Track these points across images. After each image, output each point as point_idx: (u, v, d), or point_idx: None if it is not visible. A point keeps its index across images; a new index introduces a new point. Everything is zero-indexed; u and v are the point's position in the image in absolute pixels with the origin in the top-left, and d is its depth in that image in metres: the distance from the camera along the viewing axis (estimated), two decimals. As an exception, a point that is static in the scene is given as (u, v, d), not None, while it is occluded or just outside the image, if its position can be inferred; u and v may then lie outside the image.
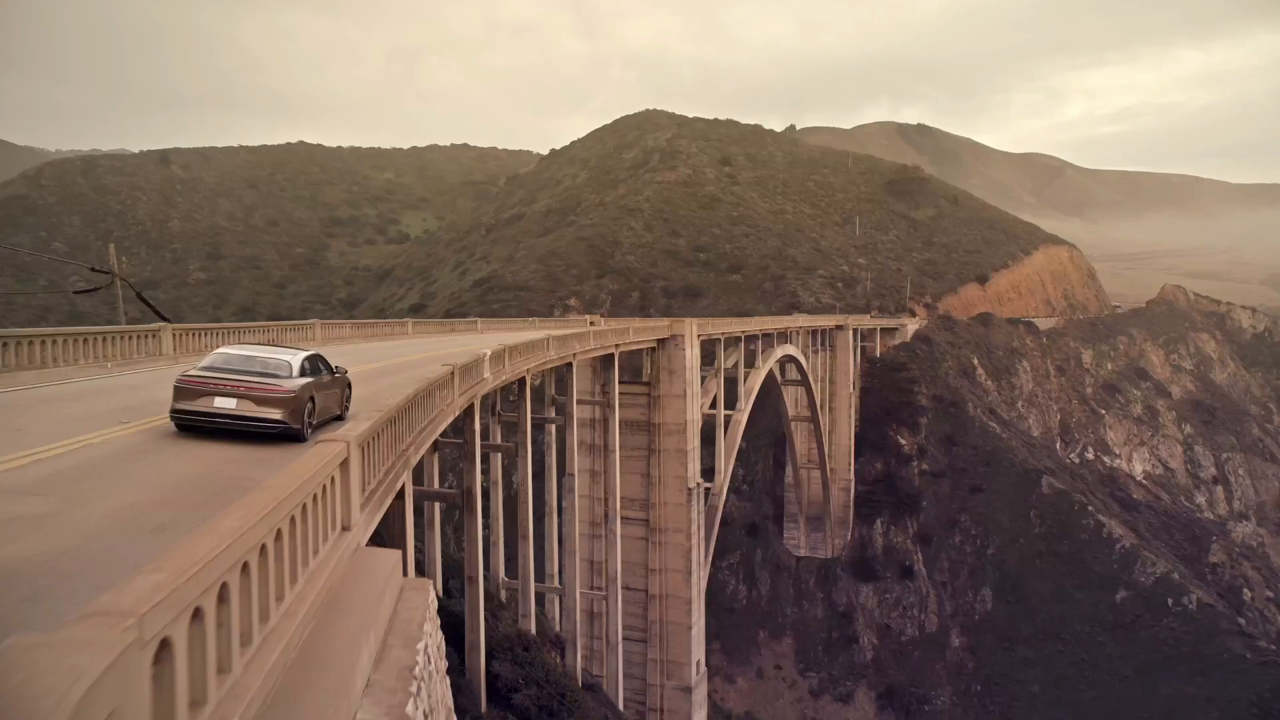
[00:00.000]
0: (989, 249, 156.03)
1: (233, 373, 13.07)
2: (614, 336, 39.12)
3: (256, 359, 13.62)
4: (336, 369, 15.28)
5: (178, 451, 11.89)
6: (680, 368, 47.71)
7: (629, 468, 47.57)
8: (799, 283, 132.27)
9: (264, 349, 14.34)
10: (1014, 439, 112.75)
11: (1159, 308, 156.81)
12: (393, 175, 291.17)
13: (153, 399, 15.05)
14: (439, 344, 34.33)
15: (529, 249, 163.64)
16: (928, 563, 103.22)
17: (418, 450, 13.50)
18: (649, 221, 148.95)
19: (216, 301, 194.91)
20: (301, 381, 13.44)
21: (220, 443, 12.53)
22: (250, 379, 12.96)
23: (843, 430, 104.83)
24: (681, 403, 47.87)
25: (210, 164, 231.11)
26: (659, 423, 48.26)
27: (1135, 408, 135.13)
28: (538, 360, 28.00)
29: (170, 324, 18.18)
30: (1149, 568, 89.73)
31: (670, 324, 48.46)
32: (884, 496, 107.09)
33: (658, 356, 48.13)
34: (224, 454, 11.97)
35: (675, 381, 47.77)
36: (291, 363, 13.67)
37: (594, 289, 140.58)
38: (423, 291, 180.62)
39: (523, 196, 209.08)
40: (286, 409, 12.88)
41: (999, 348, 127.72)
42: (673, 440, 48.14)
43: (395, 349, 29.51)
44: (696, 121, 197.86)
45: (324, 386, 14.30)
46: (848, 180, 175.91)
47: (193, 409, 12.74)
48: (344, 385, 15.57)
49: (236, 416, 12.72)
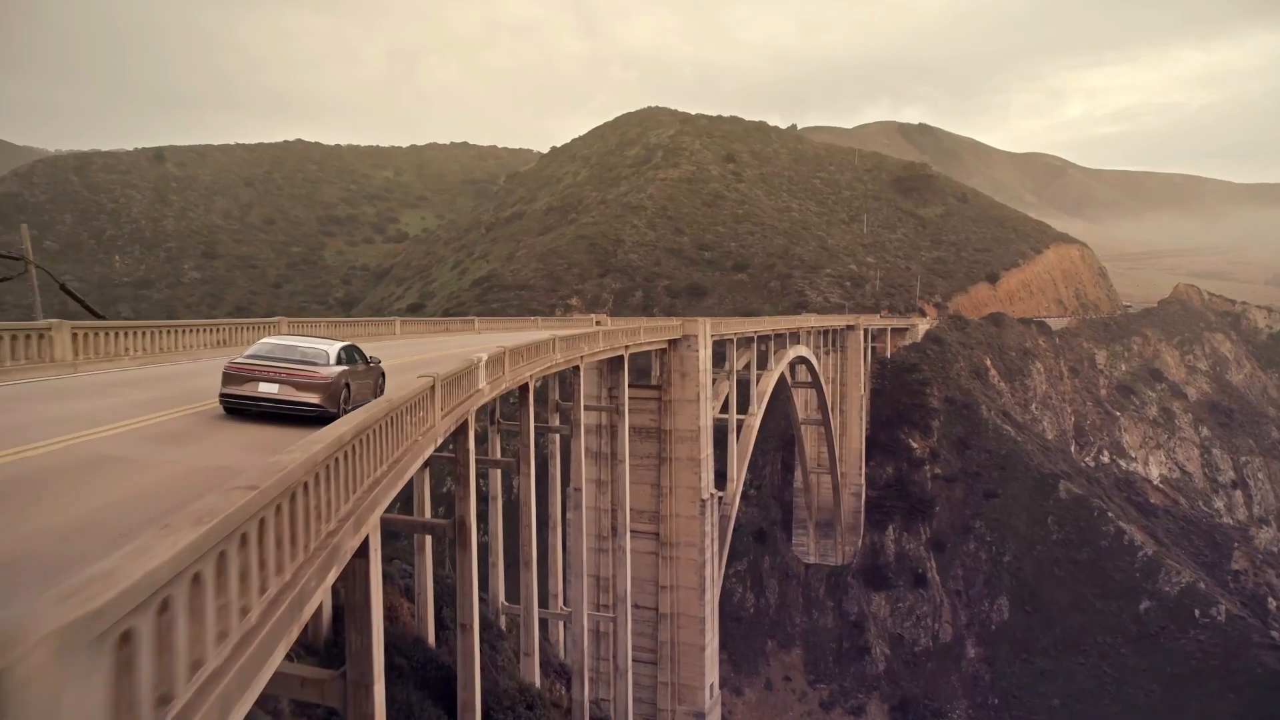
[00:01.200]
0: (999, 247, 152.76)
1: (275, 360, 13.90)
2: (624, 337, 35.83)
3: (297, 348, 14.39)
4: (371, 359, 16.08)
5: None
6: (693, 370, 44.43)
7: (638, 477, 44.34)
8: (806, 282, 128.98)
9: (304, 339, 15.11)
10: (1029, 442, 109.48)
11: (1173, 307, 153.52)
12: (391, 173, 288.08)
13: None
14: (429, 345, 30.63)
15: (529, 247, 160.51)
16: (941, 570, 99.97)
17: (374, 509, 10.14)
18: (652, 219, 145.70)
19: (211, 301, 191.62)
20: (338, 369, 14.23)
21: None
22: (291, 366, 13.80)
23: (853, 433, 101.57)
24: (694, 408, 44.59)
25: (206, 162, 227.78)
26: (670, 429, 45.01)
27: (1151, 410, 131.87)
28: (542, 364, 24.74)
29: (68, 322, 14.68)
30: (1174, 577, 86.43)
31: (682, 324, 45.16)
32: (895, 502, 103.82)
33: (668, 358, 44.87)
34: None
35: (687, 385, 44.49)
36: (329, 351, 14.43)
37: (596, 288, 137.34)
38: (421, 291, 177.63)
39: (523, 194, 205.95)
40: (323, 394, 13.71)
41: (1011, 348, 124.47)
42: (685, 448, 44.87)
43: (375, 354, 26.10)
44: (700, 118, 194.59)
45: (359, 375, 15.07)
46: (854, 177, 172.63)
47: (239, 393, 13.58)
48: (378, 374, 16.35)
49: (278, 400, 13.55)
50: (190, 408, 13.79)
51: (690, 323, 45.18)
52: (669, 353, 44.77)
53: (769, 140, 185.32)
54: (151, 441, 11.10)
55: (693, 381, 44.50)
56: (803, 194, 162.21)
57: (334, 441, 8.66)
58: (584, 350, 29.53)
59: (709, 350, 46.27)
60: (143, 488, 8.89)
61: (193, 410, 13.67)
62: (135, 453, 10.35)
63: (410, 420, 13.33)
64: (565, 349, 26.79)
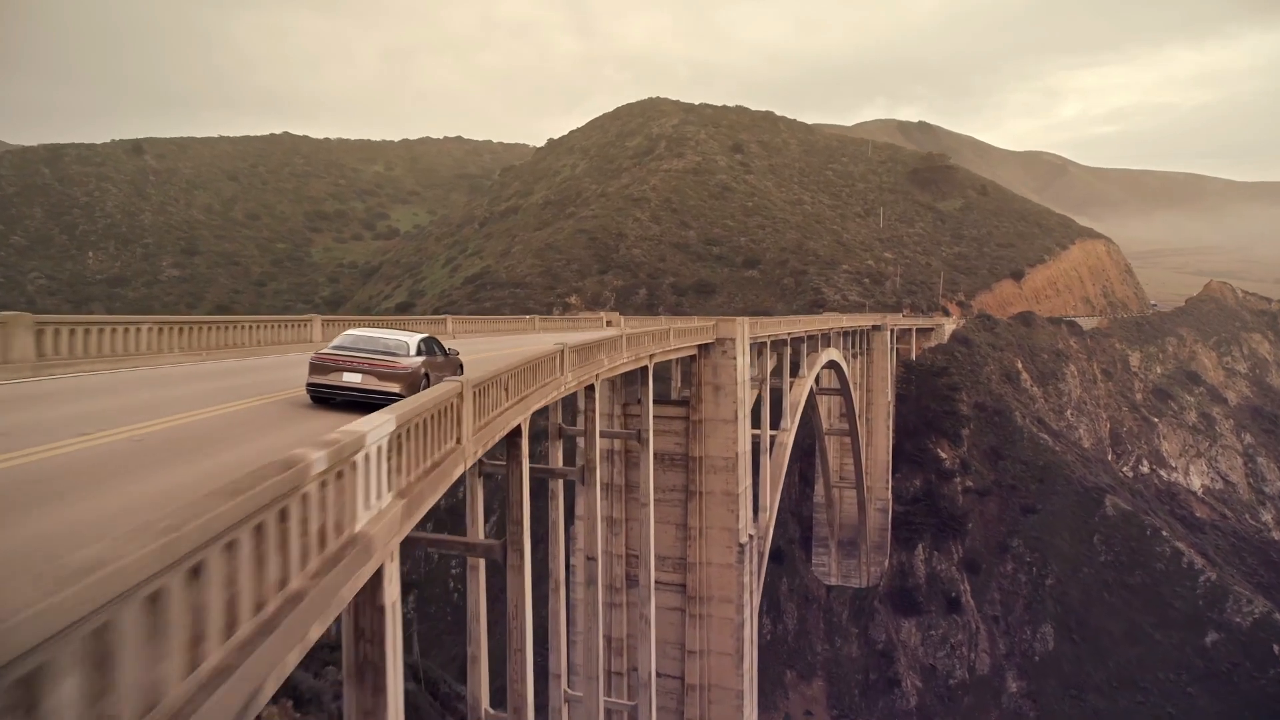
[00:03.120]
0: (1023, 243, 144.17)
1: (359, 351, 14.22)
2: (651, 343, 27.14)
3: (379, 339, 14.84)
4: (449, 350, 16.62)
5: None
6: (729, 383, 35.71)
7: (659, 515, 35.53)
8: (823, 279, 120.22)
9: (386, 331, 15.69)
10: (1068, 452, 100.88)
11: (1207, 306, 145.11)
12: (382, 168, 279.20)
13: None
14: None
15: (525, 243, 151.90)
16: (976, 594, 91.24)
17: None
18: (656, 212, 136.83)
19: (190, 300, 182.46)
20: (418, 360, 14.57)
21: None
22: (373, 356, 14.09)
23: (879, 443, 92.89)
24: (730, 430, 35.86)
25: (187, 154, 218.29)
26: (700, 456, 36.32)
27: (1190, 415, 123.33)
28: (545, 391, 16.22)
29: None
30: (1244, 606, 77.80)
31: (716, 324, 36.33)
32: (924, 518, 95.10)
33: (698, 368, 36.18)
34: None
35: (722, 401, 35.79)
36: (409, 343, 14.83)
37: (596, 285, 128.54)
38: (411, 289, 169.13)
39: (519, 188, 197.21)
40: (404, 384, 13.85)
41: (1043, 350, 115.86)
42: (718, 479, 36.13)
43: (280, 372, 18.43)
44: (704, 108, 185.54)
45: (438, 366, 15.37)
46: (867, 169, 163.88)
47: (324, 383, 13.79)
48: (456, 365, 16.57)
49: (361, 390, 13.70)
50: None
51: (726, 323, 36.33)
52: (699, 361, 36.06)
53: (777, 131, 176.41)
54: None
55: (729, 397, 35.78)
56: (815, 186, 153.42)
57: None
58: (603, 363, 21.04)
59: (747, 358, 37.53)
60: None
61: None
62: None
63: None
64: (578, 364, 18.46)
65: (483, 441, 13.61)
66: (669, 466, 37.04)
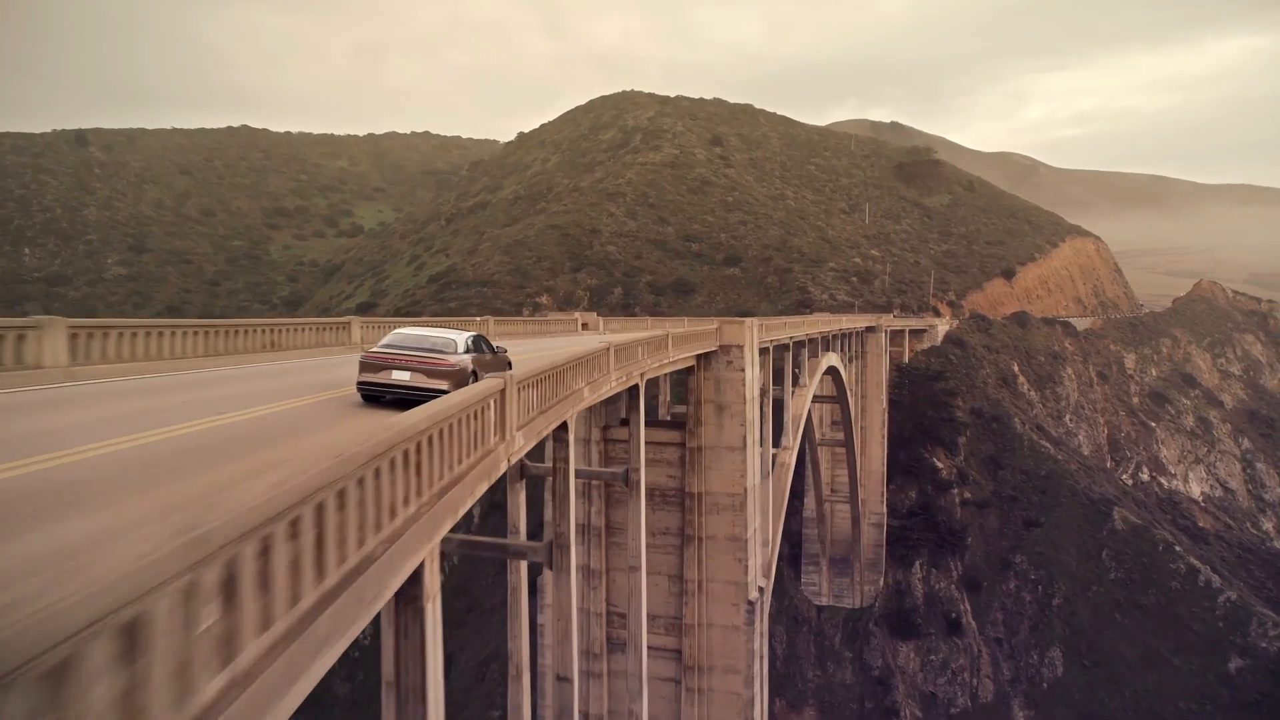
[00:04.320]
0: (1012, 240, 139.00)
1: (407, 349, 14.23)
2: (646, 356, 20.12)
3: (428, 337, 14.86)
4: (498, 348, 16.47)
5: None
6: (735, 400, 28.71)
7: (650, 564, 28.45)
8: (808, 277, 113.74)
9: (434, 329, 15.93)
10: (1070, 461, 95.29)
11: (1198, 306, 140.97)
12: (346, 163, 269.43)
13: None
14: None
15: (493, 240, 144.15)
16: (978, 614, 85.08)
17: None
18: (631, 207, 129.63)
19: (138, 300, 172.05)
20: (466, 357, 14.56)
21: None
22: (422, 354, 14.08)
23: (874, 453, 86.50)
24: (737, 460, 28.81)
25: (136, 146, 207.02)
26: (699, 492, 29.21)
27: (1187, 419, 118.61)
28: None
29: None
30: (1270, 629, 72.30)
31: (720, 327, 29.12)
32: (921, 533, 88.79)
33: (698, 381, 29.13)
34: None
35: (727, 423, 28.75)
36: (457, 341, 14.84)
37: (569, 284, 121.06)
38: (373, 289, 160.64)
39: (487, 183, 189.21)
40: (452, 381, 13.77)
41: (1039, 352, 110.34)
42: (723, 521, 29.02)
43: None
44: (680, 100, 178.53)
45: (486, 364, 15.32)
46: (851, 164, 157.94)
47: (374, 380, 13.82)
48: (504, 363, 16.35)
49: (409, 387, 13.68)
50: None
51: (732, 326, 29.09)
52: (698, 374, 28.97)
53: (757, 124, 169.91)
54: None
55: (735, 418, 28.73)
56: (797, 181, 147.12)
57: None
58: (584, 387, 14.36)
59: (756, 369, 30.55)
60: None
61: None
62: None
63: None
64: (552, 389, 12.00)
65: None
66: (660, 504, 29.88)
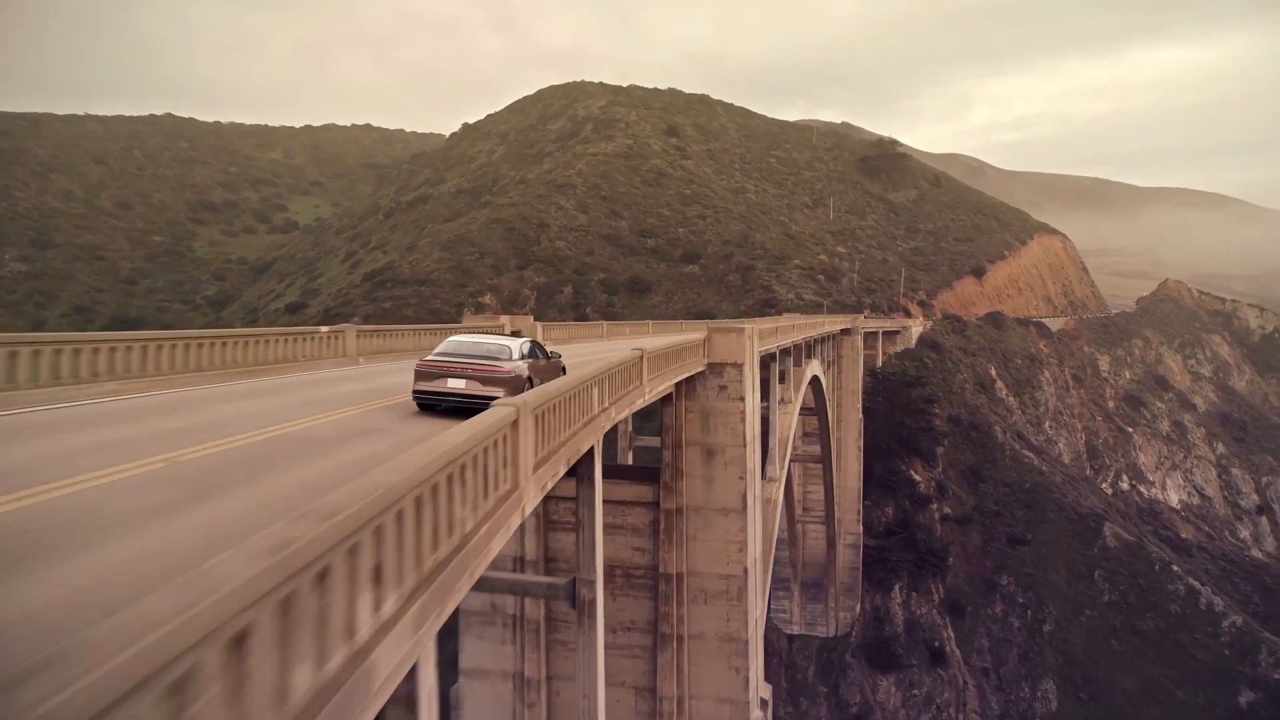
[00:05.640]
0: (981, 237, 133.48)
1: (462, 356, 14.16)
2: (615, 396, 13.28)
3: (483, 344, 14.72)
4: (552, 354, 16.36)
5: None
6: (731, 441, 20.04)
7: (607, 672, 19.90)
8: (772, 275, 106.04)
9: (489, 336, 15.50)
10: (1055, 472, 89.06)
11: (1166, 306, 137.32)
12: (281, 156, 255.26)
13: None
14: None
15: (434, 235, 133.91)
16: (962, 642, 78.07)
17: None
18: (582, 200, 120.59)
19: (40, 299, 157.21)
20: (522, 364, 14.38)
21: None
22: (477, 361, 14.00)
23: (850, 468, 78.87)
24: (735, 525, 20.12)
25: (42, 132, 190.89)
26: (680, 572, 20.41)
27: (1163, 424, 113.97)
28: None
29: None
30: (1280, 657, 66.25)
31: (710, 337, 20.00)
32: (900, 553, 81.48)
33: (678, 414, 20.56)
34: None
35: (720, 474, 20.08)
36: (512, 347, 14.66)
37: (515, 282, 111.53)
38: (304, 288, 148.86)
39: (429, 176, 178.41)
40: (508, 388, 13.57)
41: (1016, 354, 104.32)
42: (714, 614, 20.12)
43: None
44: (634, 89, 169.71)
45: (540, 369, 15.10)
46: (813, 157, 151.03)
47: (430, 389, 13.84)
48: (559, 368, 16.16)
49: (465, 395, 13.63)
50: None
51: (726, 335, 20.00)
52: (677, 403, 20.38)
53: (715, 114, 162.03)
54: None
55: (730, 466, 20.11)
56: (758, 174, 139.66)
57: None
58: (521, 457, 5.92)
59: (757, 394, 22.13)
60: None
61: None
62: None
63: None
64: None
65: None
66: (624, 589, 21.14)
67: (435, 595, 6.15)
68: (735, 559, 21.11)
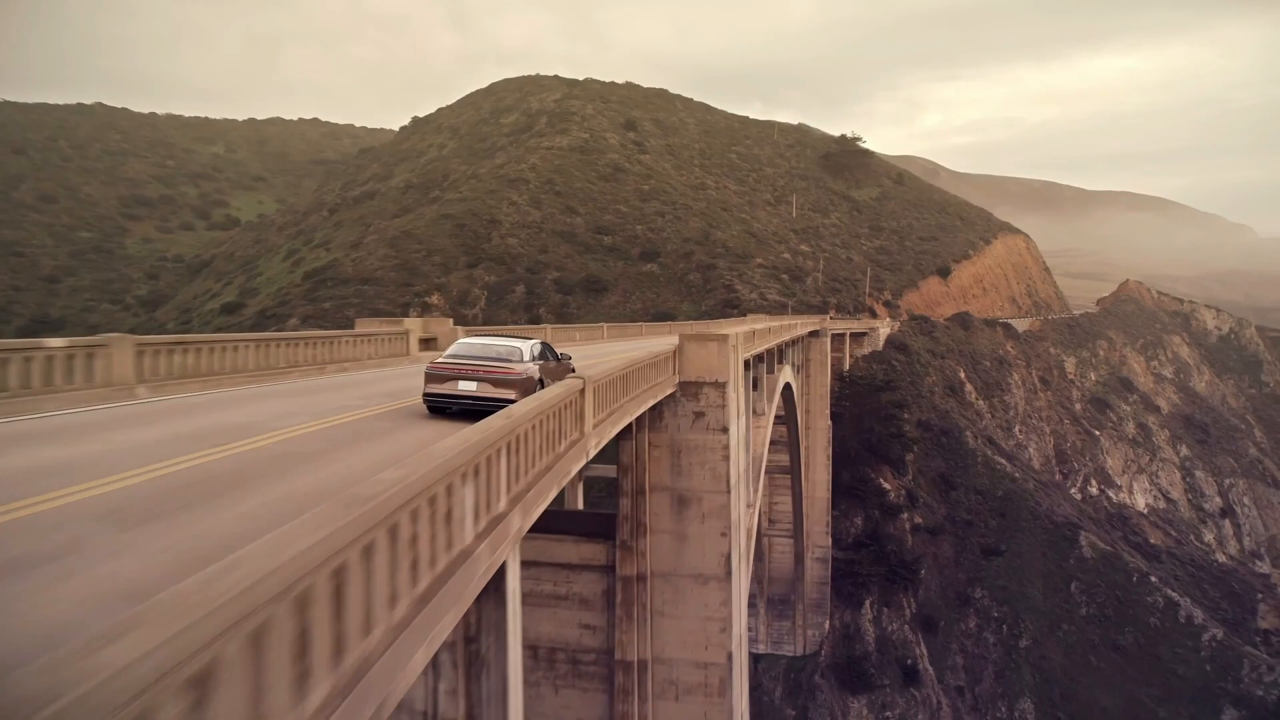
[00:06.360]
0: (945, 235, 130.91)
1: (473, 359, 14.01)
2: (536, 462, 7.29)
3: (493, 346, 14.58)
4: (561, 355, 16.12)
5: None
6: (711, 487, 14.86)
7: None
8: (735, 274, 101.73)
9: (499, 338, 15.30)
10: (1027, 479, 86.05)
11: (1128, 306, 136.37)
12: (222, 150, 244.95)
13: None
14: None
15: (380, 232, 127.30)
16: (935, 659, 74.39)
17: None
18: (536, 195, 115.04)
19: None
20: (533, 365, 14.27)
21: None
22: (488, 364, 13.82)
23: (819, 477, 74.77)
24: (715, 597, 14.59)
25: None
26: (644, 659, 15.22)
27: (1128, 426, 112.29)
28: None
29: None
30: (1265, 674, 63.62)
31: (682, 346, 15.21)
32: (871, 566, 77.57)
33: (637, 451, 15.65)
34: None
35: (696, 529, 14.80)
36: (523, 349, 14.50)
37: (464, 281, 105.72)
38: (243, 287, 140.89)
39: (378, 171, 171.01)
40: (519, 390, 13.46)
41: (985, 356, 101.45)
42: (685, 715, 15.57)
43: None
44: (590, 83, 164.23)
45: (551, 371, 15.03)
46: (775, 153, 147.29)
47: (440, 392, 13.69)
48: (568, 370, 16.05)
49: (476, 398, 13.44)
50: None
51: (703, 344, 14.48)
52: (638, 436, 15.45)
53: (674, 109, 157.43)
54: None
55: (710, 519, 14.85)
56: (718, 170, 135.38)
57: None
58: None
59: (743, 420, 17.13)
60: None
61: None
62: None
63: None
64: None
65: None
66: (569, 679, 16.05)
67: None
68: (716, 641, 16.16)
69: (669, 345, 16.49)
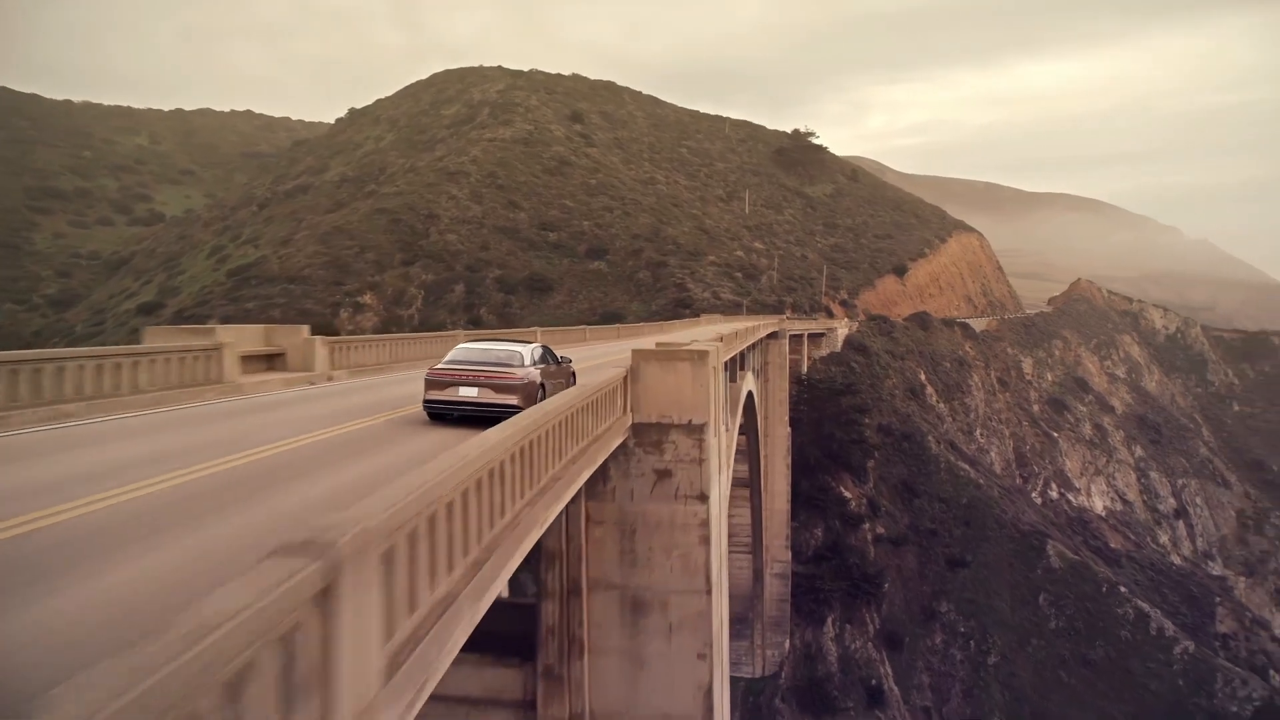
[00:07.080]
0: (901, 234, 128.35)
1: (473, 364, 13.63)
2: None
3: (492, 350, 14.23)
4: (562, 358, 15.76)
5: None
6: (684, 588, 10.03)
7: None
8: (686, 272, 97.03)
9: (499, 343, 14.97)
10: (991, 485, 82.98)
11: (1080, 305, 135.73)
12: (146, 141, 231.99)
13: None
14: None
15: (313, 228, 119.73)
16: (900, 678, 70.63)
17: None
18: (477, 188, 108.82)
19: None
20: (534, 370, 13.79)
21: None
22: (488, 369, 13.45)
23: (778, 488, 70.41)
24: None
25: None
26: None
27: (1085, 428, 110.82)
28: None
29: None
30: (1239, 689, 61.15)
31: (638, 367, 11.41)
32: (833, 581, 73.50)
33: (568, 522, 10.64)
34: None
35: (659, 643, 8.99)
36: (523, 353, 14.08)
37: (399, 279, 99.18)
38: (162, 286, 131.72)
39: (312, 164, 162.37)
40: (521, 395, 13.08)
41: (944, 357, 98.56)
42: None
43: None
44: (535, 74, 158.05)
45: (552, 375, 14.56)
46: (726, 148, 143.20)
47: (440, 398, 13.36)
48: (569, 374, 15.77)
49: (477, 404, 13.16)
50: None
51: (670, 363, 9.68)
52: (569, 507, 10.48)
53: (621, 102, 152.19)
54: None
55: (683, 629, 9.59)
56: (668, 164, 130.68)
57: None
58: None
59: (726, 478, 10.97)
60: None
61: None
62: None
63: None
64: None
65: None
66: None
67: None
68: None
69: (617, 371, 11.39)
